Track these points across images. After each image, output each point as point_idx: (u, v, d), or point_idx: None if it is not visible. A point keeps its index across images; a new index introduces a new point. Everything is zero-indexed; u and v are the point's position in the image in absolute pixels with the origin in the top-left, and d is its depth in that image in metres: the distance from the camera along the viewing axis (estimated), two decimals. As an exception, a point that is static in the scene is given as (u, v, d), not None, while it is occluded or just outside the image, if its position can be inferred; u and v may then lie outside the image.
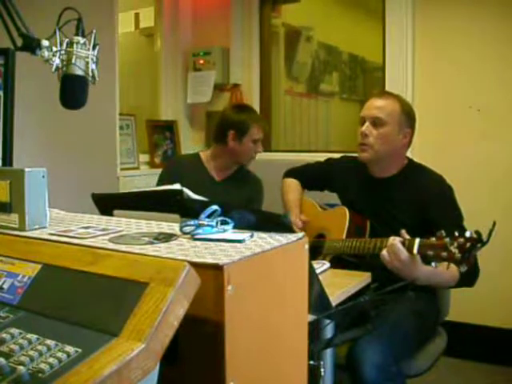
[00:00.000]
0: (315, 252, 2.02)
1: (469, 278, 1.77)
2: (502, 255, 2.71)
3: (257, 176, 2.67)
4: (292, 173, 2.41)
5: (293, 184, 2.36)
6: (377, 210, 2.02)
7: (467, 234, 1.54)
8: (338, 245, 1.99)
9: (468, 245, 1.52)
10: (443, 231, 1.58)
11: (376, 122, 1.97)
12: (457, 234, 1.55)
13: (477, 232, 1.53)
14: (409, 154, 2.12)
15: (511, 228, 2.68)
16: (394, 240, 1.68)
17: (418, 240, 1.63)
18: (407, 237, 1.68)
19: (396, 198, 2.00)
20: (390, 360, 1.69)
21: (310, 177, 2.36)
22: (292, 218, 2.14)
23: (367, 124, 1.98)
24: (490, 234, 1.48)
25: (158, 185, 2.44)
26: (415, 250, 1.63)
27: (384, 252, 1.70)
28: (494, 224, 1.46)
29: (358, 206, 2.07)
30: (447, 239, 1.56)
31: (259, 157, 3.68)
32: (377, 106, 1.99)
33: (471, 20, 2.90)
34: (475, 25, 2.89)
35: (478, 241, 1.52)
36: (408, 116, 2.01)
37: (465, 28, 2.92)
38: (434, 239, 1.60)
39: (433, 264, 1.59)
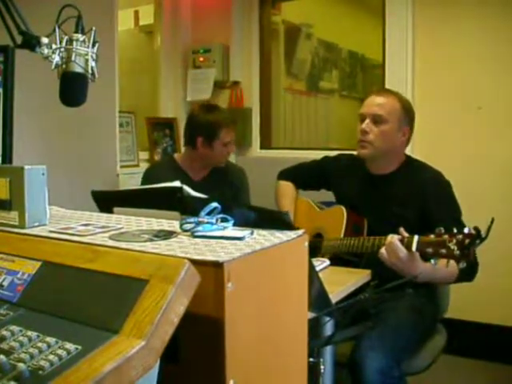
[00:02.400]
0: (313, 252, 2.01)
1: (468, 272, 1.77)
2: (502, 252, 2.71)
3: (237, 165, 2.65)
4: (286, 174, 2.40)
5: (287, 188, 2.34)
6: (375, 207, 2.02)
7: (466, 231, 1.54)
8: (336, 244, 1.99)
9: (467, 241, 1.52)
10: (442, 228, 1.58)
11: (377, 119, 1.97)
12: (455, 230, 1.55)
13: (475, 228, 1.54)
14: (409, 151, 2.12)
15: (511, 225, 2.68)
16: (393, 238, 1.68)
17: (416, 237, 1.63)
18: (406, 234, 1.68)
19: (394, 193, 2.00)
20: (393, 364, 1.69)
21: (305, 177, 2.34)
22: None
23: (367, 121, 1.98)
24: (488, 230, 1.48)
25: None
26: (414, 248, 1.63)
27: (382, 250, 1.70)
28: (493, 220, 1.47)
29: (356, 204, 2.07)
30: (446, 236, 1.56)
31: (259, 154, 3.68)
32: (377, 103, 1.99)
33: (471, 18, 2.89)
34: (475, 23, 2.88)
35: (477, 237, 1.52)
36: (407, 114, 2.01)
37: (465, 26, 2.91)
38: (432, 236, 1.60)
39: (432, 261, 1.59)
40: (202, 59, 3.71)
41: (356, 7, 3.91)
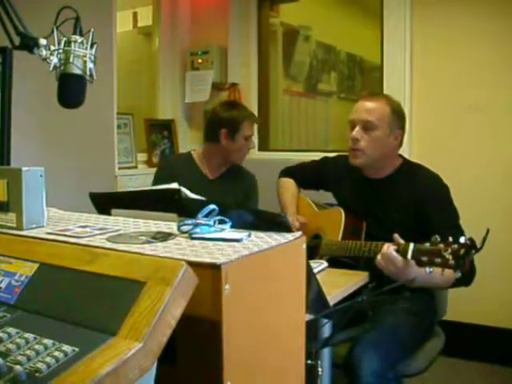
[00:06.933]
0: (311, 253, 2.01)
1: (465, 278, 1.77)
2: (500, 256, 2.70)
3: (250, 171, 2.68)
4: (287, 172, 2.42)
5: (289, 183, 2.36)
6: (372, 211, 2.02)
7: (461, 240, 1.53)
8: (334, 246, 1.99)
9: (462, 251, 1.51)
10: (438, 236, 1.57)
11: (367, 126, 1.94)
12: (451, 239, 1.54)
13: (470, 239, 1.53)
14: (407, 153, 2.11)
15: (510, 228, 2.68)
16: (389, 248, 1.67)
17: (412, 245, 1.63)
18: (401, 241, 1.68)
19: (391, 198, 1.99)
20: (388, 366, 1.69)
21: (305, 176, 2.36)
22: (289, 218, 2.14)
23: (358, 128, 1.96)
24: (483, 241, 1.47)
25: (155, 186, 2.45)
26: (409, 256, 1.62)
27: (379, 257, 1.70)
28: (488, 231, 1.46)
29: (353, 206, 2.07)
30: (441, 245, 1.55)
31: (257, 156, 3.68)
32: (366, 109, 1.96)
33: (469, 19, 2.90)
34: (473, 24, 2.89)
35: (472, 247, 1.51)
36: (398, 117, 1.99)
37: (463, 27, 2.92)
38: (428, 245, 1.59)
39: (427, 269, 1.58)
40: (200, 61, 3.72)
41: (354, 9, 3.91)
